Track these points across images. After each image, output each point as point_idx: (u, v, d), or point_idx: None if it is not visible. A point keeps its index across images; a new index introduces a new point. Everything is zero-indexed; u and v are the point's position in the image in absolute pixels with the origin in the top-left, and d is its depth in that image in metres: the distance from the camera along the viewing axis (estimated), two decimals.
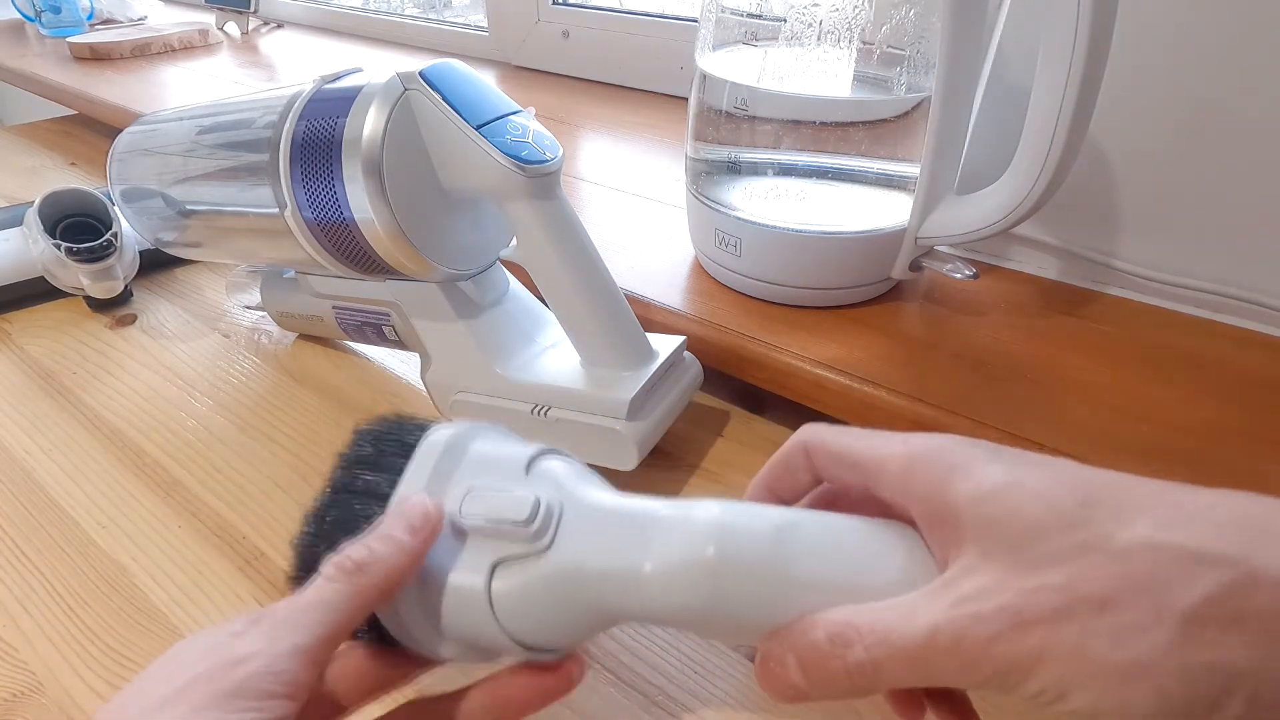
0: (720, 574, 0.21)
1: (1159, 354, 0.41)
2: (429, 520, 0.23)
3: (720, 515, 0.22)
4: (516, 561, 0.23)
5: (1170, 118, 0.41)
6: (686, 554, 0.21)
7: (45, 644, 0.33)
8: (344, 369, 0.51)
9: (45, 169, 0.85)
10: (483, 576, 0.23)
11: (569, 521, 0.23)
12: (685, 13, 0.85)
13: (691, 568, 0.21)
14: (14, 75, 1.05)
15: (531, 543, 0.23)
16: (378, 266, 0.40)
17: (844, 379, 0.39)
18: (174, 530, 0.38)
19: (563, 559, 0.23)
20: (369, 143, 0.35)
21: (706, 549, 0.21)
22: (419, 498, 0.24)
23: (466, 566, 0.23)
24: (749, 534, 0.22)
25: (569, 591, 0.23)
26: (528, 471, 0.25)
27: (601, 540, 0.23)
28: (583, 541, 0.23)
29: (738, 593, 0.21)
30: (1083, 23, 0.33)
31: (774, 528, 0.22)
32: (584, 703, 0.30)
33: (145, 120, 0.48)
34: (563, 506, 0.24)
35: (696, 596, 0.21)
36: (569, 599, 0.23)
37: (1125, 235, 0.45)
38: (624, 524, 0.23)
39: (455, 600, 0.23)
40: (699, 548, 0.21)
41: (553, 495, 0.24)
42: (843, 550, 0.22)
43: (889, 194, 0.43)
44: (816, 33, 0.39)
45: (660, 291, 0.47)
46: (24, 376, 0.50)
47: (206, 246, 0.47)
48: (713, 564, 0.21)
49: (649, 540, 0.22)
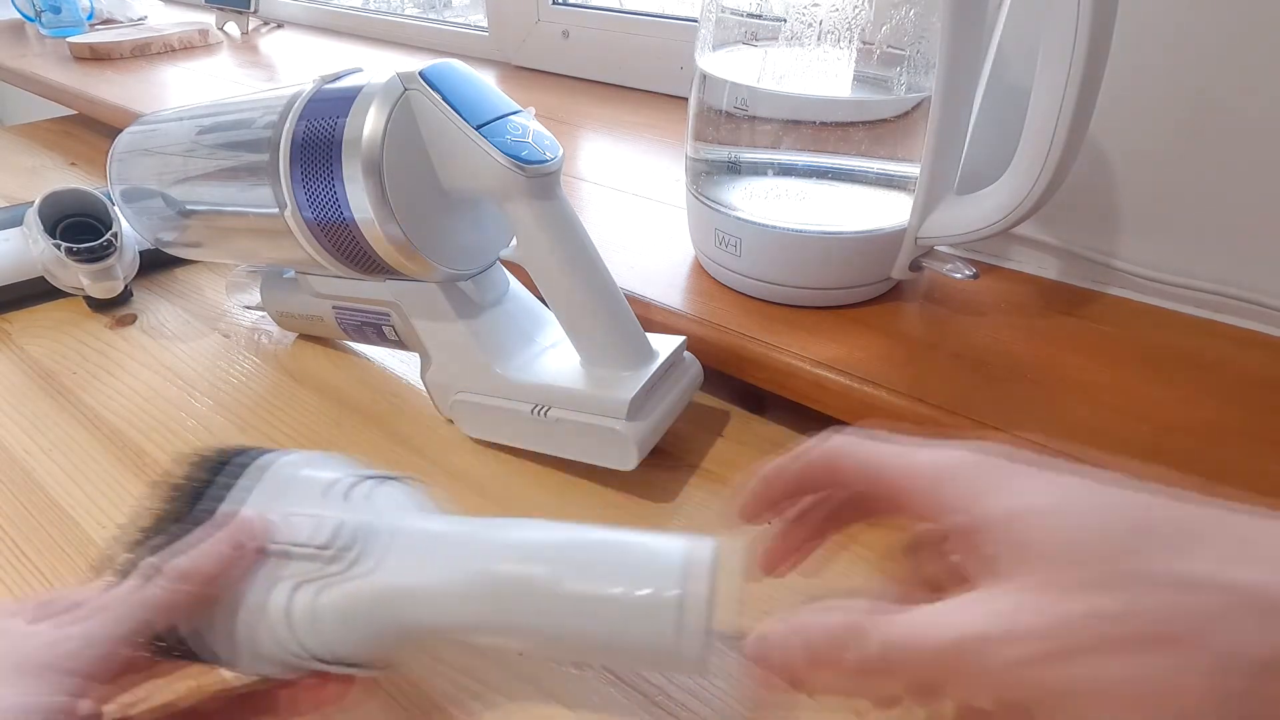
0: (502, 590, 0.23)
1: (1159, 354, 0.41)
2: (254, 536, 0.25)
3: (508, 535, 0.25)
4: (317, 582, 0.24)
5: (1170, 118, 0.41)
6: (474, 573, 0.24)
7: None
8: (344, 369, 0.51)
9: (45, 169, 0.85)
10: (283, 597, 0.24)
11: (375, 544, 0.25)
12: (685, 13, 0.85)
13: (475, 585, 0.24)
14: (14, 75, 1.05)
15: (330, 564, 0.24)
16: (378, 266, 0.40)
17: (844, 379, 0.39)
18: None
19: (361, 579, 0.24)
20: (369, 143, 0.35)
21: (493, 567, 0.24)
22: (245, 515, 0.25)
23: (269, 586, 0.25)
24: (531, 550, 0.24)
25: (367, 609, 0.24)
26: (346, 498, 0.26)
27: (401, 561, 0.25)
28: (383, 562, 0.25)
29: (519, 606, 0.23)
30: (1083, 23, 0.33)
31: (556, 545, 0.24)
32: (584, 703, 0.30)
33: (145, 120, 0.48)
34: (371, 530, 0.25)
35: (482, 611, 0.24)
36: (368, 616, 0.24)
37: (1125, 235, 0.45)
38: (424, 545, 0.25)
39: (256, 618, 0.24)
40: (486, 566, 0.24)
41: (362, 520, 0.25)
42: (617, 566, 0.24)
43: (889, 194, 0.43)
44: (816, 33, 0.39)
45: (660, 291, 0.47)
46: (24, 376, 0.50)
47: (206, 246, 0.47)
48: (495, 581, 0.24)
49: (443, 559, 0.24)
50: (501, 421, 0.41)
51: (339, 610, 0.24)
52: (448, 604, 0.24)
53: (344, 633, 0.25)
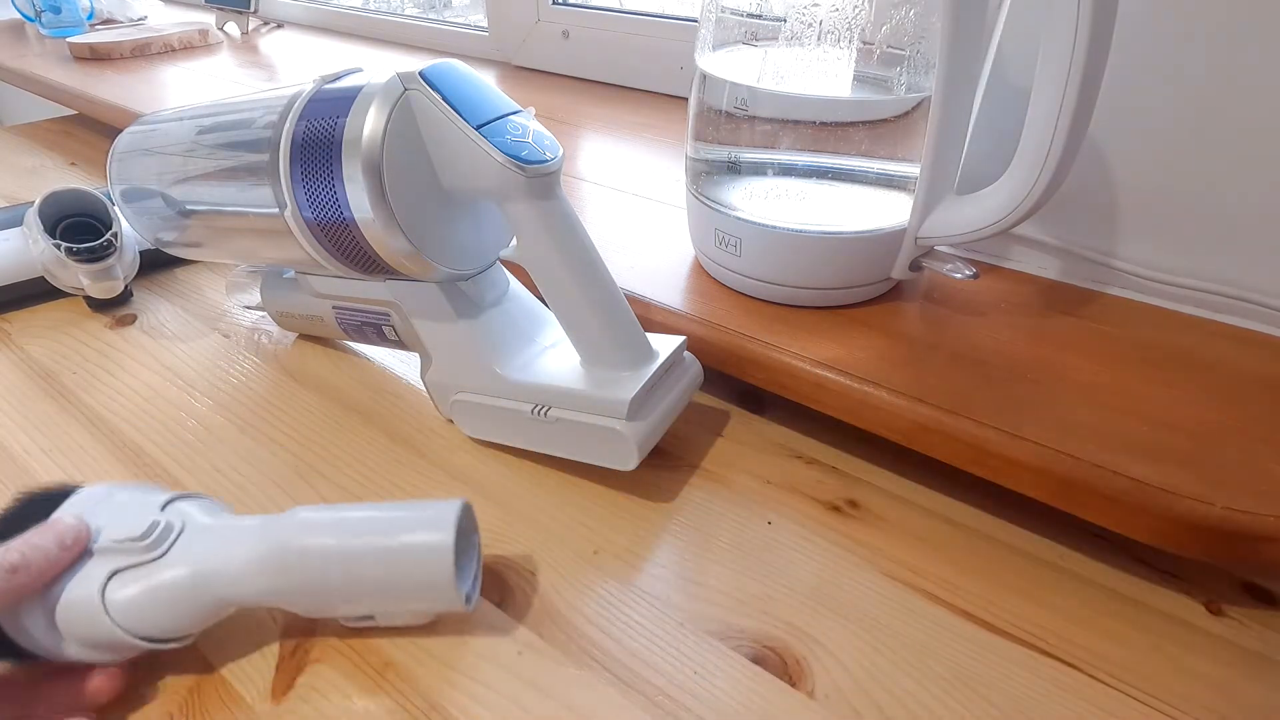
0: (289, 560, 0.29)
1: (1159, 354, 0.41)
2: (78, 538, 0.29)
3: (295, 517, 0.31)
4: (132, 570, 0.29)
5: (1170, 117, 0.41)
6: (268, 548, 0.30)
7: None
8: (344, 369, 0.51)
9: (45, 169, 0.85)
10: (98, 584, 0.28)
11: (185, 538, 0.30)
12: (685, 13, 0.85)
13: (270, 558, 0.30)
14: (14, 75, 1.05)
15: (147, 553, 0.29)
16: (378, 266, 0.40)
17: (844, 379, 0.39)
18: None
19: (174, 563, 0.29)
20: (369, 143, 0.35)
21: (284, 541, 0.30)
22: (69, 518, 0.30)
23: (85, 578, 0.29)
24: (314, 525, 0.30)
25: (180, 588, 0.29)
26: (163, 509, 0.31)
27: (207, 547, 0.30)
28: (192, 549, 0.30)
29: (307, 570, 0.29)
30: (1083, 23, 0.33)
31: (333, 518, 0.31)
32: (584, 702, 0.30)
33: (145, 120, 0.48)
34: (183, 527, 0.31)
35: (277, 579, 0.30)
36: (181, 595, 0.29)
37: (1125, 235, 0.45)
38: (226, 533, 0.31)
39: (73, 606, 0.28)
40: (278, 541, 0.30)
41: (174, 520, 0.31)
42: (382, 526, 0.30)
43: (889, 194, 0.43)
44: (816, 33, 0.39)
45: (660, 291, 0.47)
46: (24, 376, 0.50)
47: (206, 246, 0.47)
48: (285, 552, 0.29)
49: (243, 542, 0.30)
50: (501, 421, 0.41)
51: (156, 592, 0.29)
52: (249, 577, 0.30)
53: (161, 611, 0.29)
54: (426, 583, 0.30)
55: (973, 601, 0.35)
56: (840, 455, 0.43)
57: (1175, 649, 0.33)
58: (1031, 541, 0.38)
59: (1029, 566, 0.36)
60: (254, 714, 0.30)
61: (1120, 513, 0.33)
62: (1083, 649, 0.33)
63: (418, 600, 0.31)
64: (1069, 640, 0.33)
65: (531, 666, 0.32)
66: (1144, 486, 0.32)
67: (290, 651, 0.32)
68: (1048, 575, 0.36)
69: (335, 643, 0.33)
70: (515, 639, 0.33)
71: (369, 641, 0.33)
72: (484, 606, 0.34)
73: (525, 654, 0.32)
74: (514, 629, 0.33)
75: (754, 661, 0.32)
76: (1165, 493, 0.32)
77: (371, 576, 0.30)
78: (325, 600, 0.31)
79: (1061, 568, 0.36)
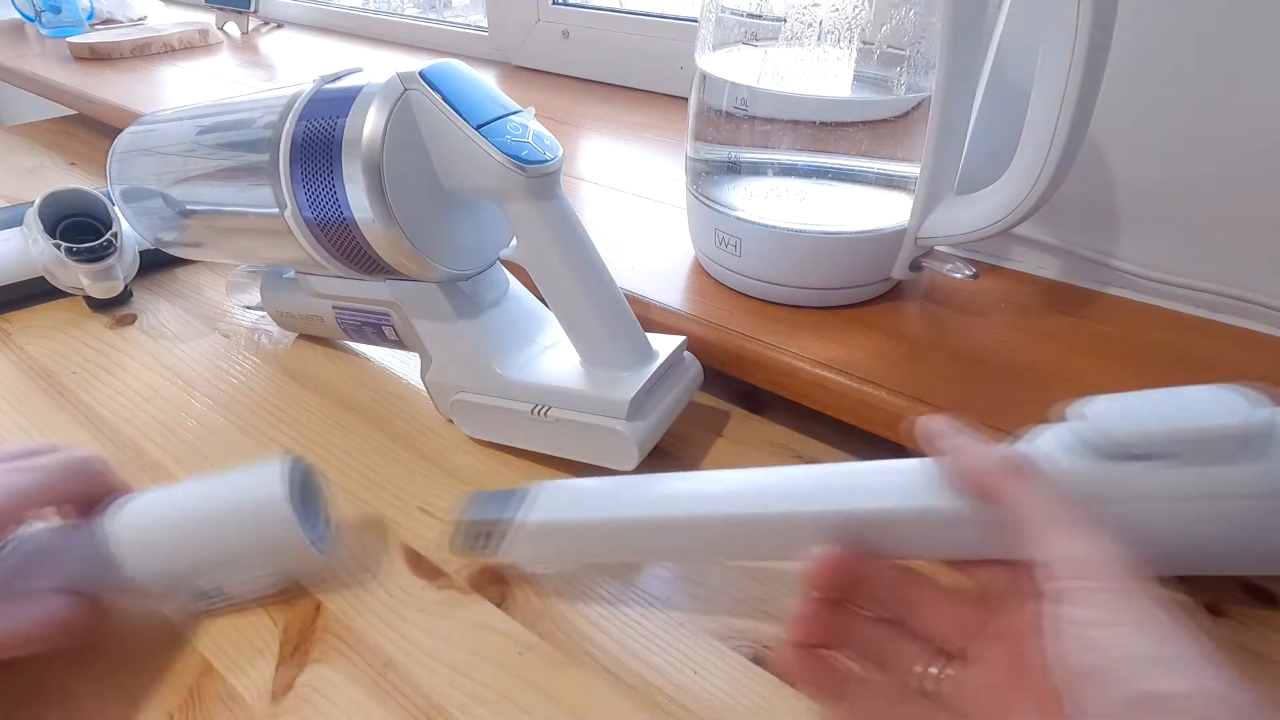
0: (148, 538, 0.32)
1: (1159, 354, 0.41)
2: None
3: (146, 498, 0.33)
4: None
5: (1170, 117, 0.41)
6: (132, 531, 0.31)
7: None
8: (344, 369, 0.51)
9: (45, 169, 0.85)
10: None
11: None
12: (685, 13, 0.85)
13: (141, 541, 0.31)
14: (14, 75, 1.05)
15: None
16: (378, 266, 0.40)
17: (844, 379, 0.39)
18: None
19: None
20: (369, 143, 0.35)
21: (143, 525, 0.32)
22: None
23: None
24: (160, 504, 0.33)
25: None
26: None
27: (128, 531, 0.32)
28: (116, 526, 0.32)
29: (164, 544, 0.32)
30: (1083, 23, 0.33)
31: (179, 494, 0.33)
32: (584, 702, 0.30)
33: (145, 120, 0.48)
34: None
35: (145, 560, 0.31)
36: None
37: (1125, 235, 0.45)
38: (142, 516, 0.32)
39: None
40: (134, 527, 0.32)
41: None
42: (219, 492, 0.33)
43: (889, 194, 0.43)
44: (816, 33, 0.39)
45: (660, 291, 0.47)
46: (24, 376, 0.50)
47: (206, 246, 0.47)
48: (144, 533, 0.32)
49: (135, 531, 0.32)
50: (501, 421, 0.41)
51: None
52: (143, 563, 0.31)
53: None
54: (268, 529, 0.32)
55: None
56: (840, 455, 0.43)
57: None
58: None
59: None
60: (254, 714, 0.30)
61: None
62: None
63: (263, 551, 0.33)
64: None
65: (531, 666, 0.32)
66: None
67: (290, 651, 0.32)
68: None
69: (335, 643, 0.33)
70: (515, 639, 0.33)
71: (369, 641, 0.33)
72: (484, 606, 0.34)
73: (525, 654, 0.32)
74: (514, 629, 0.33)
75: (754, 661, 0.32)
76: None
77: (214, 537, 0.32)
78: (173, 575, 0.32)
79: None
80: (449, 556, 0.36)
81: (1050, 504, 0.22)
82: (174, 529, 0.32)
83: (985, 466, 0.24)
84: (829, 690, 0.27)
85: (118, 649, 0.33)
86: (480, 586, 0.35)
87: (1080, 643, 0.20)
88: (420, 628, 0.33)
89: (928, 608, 0.27)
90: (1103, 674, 0.19)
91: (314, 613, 0.34)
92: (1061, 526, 0.22)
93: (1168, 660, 0.19)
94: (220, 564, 0.32)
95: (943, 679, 0.26)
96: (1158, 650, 0.19)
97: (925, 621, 0.27)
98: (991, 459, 0.24)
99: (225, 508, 0.32)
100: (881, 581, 0.27)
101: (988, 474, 0.24)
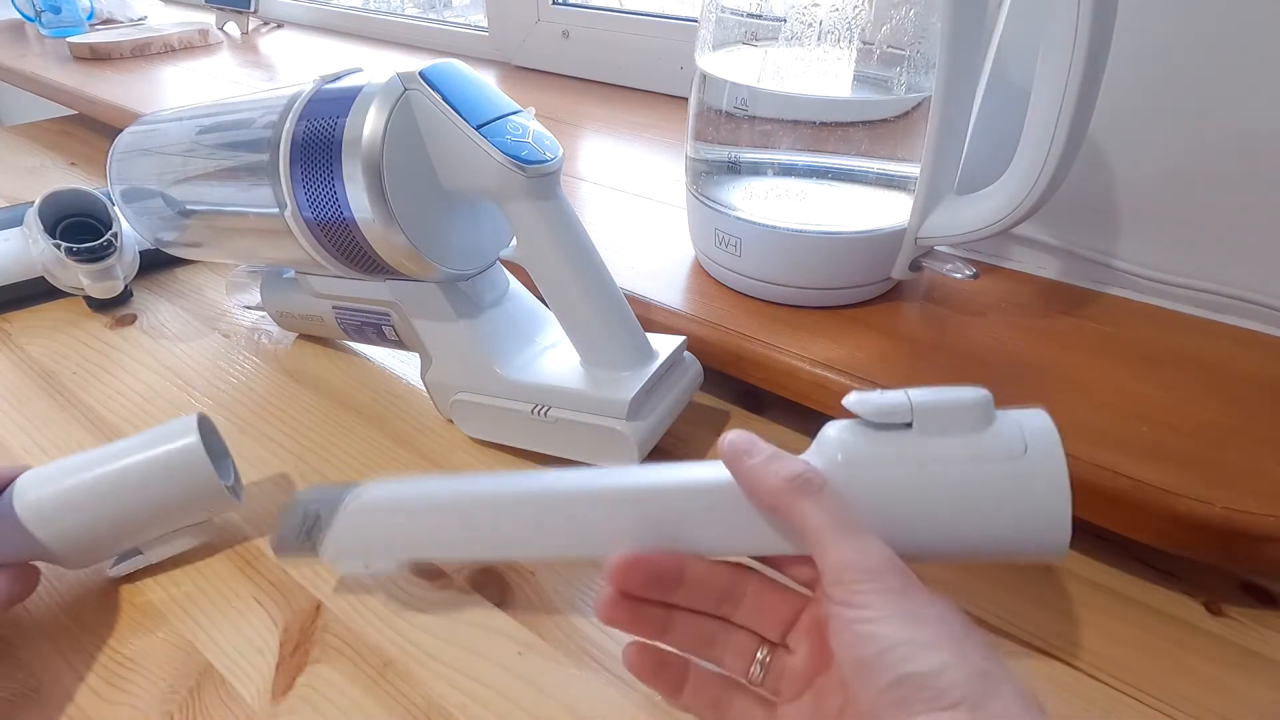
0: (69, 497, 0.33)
1: (1159, 354, 0.41)
2: None
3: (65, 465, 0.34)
4: None
5: (1170, 117, 0.41)
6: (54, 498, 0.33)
7: (45, 644, 0.33)
8: (344, 369, 0.51)
9: (45, 169, 0.85)
10: None
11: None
12: (685, 13, 0.85)
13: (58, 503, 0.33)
14: (14, 75, 1.05)
15: None
16: (378, 266, 0.40)
17: (844, 379, 0.39)
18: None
19: None
20: (369, 143, 0.35)
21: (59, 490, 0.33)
22: None
23: None
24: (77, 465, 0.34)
25: None
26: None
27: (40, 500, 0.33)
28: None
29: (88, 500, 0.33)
30: (1083, 23, 0.33)
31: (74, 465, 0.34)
32: (584, 702, 0.30)
33: (145, 120, 0.48)
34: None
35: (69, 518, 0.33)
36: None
37: (1125, 235, 0.45)
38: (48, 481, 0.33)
39: None
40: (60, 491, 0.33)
41: None
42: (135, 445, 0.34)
43: (889, 194, 0.43)
44: (816, 33, 0.39)
45: (660, 291, 0.47)
46: (24, 376, 0.50)
47: (206, 246, 0.47)
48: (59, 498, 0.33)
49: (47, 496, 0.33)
50: (501, 421, 0.41)
51: None
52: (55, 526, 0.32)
53: None
54: (184, 480, 0.33)
55: (971, 601, 0.35)
56: None
57: (1175, 649, 0.33)
58: None
59: (1027, 566, 0.36)
60: (254, 714, 0.30)
61: (1120, 513, 0.33)
62: (1082, 649, 0.33)
63: (181, 498, 0.34)
64: (1068, 640, 0.33)
65: (531, 666, 0.32)
66: (1144, 486, 0.32)
67: (290, 651, 0.32)
68: (1046, 575, 0.36)
69: (335, 643, 0.33)
70: (515, 639, 0.33)
71: (369, 641, 0.33)
72: (484, 606, 0.34)
73: (525, 654, 0.32)
74: (514, 629, 0.33)
75: None
76: (1165, 493, 0.32)
77: (131, 488, 0.33)
78: (89, 534, 0.33)
79: (1061, 568, 0.36)
80: None
81: (832, 516, 0.25)
82: (85, 487, 0.33)
83: (773, 486, 0.26)
84: (669, 683, 0.29)
85: (118, 649, 0.33)
86: (480, 586, 0.35)
87: (854, 637, 0.22)
88: (420, 628, 0.33)
89: (749, 602, 0.29)
90: (871, 663, 0.22)
91: (314, 613, 0.34)
92: (841, 536, 0.24)
93: (921, 643, 0.21)
94: (138, 518, 0.34)
95: (767, 668, 0.28)
96: (912, 635, 0.22)
97: (748, 615, 0.29)
98: (780, 479, 0.26)
99: (141, 459, 0.34)
100: (705, 580, 0.28)
101: (776, 494, 0.26)
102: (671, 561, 0.28)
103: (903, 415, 0.27)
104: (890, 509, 0.26)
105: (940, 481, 0.26)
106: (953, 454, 0.26)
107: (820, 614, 0.27)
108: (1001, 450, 0.26)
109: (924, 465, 0.26)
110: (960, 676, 0.21)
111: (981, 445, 0.26)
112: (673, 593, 0.28)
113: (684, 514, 0.28)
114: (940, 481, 0.26)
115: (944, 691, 0.20)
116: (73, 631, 0.34)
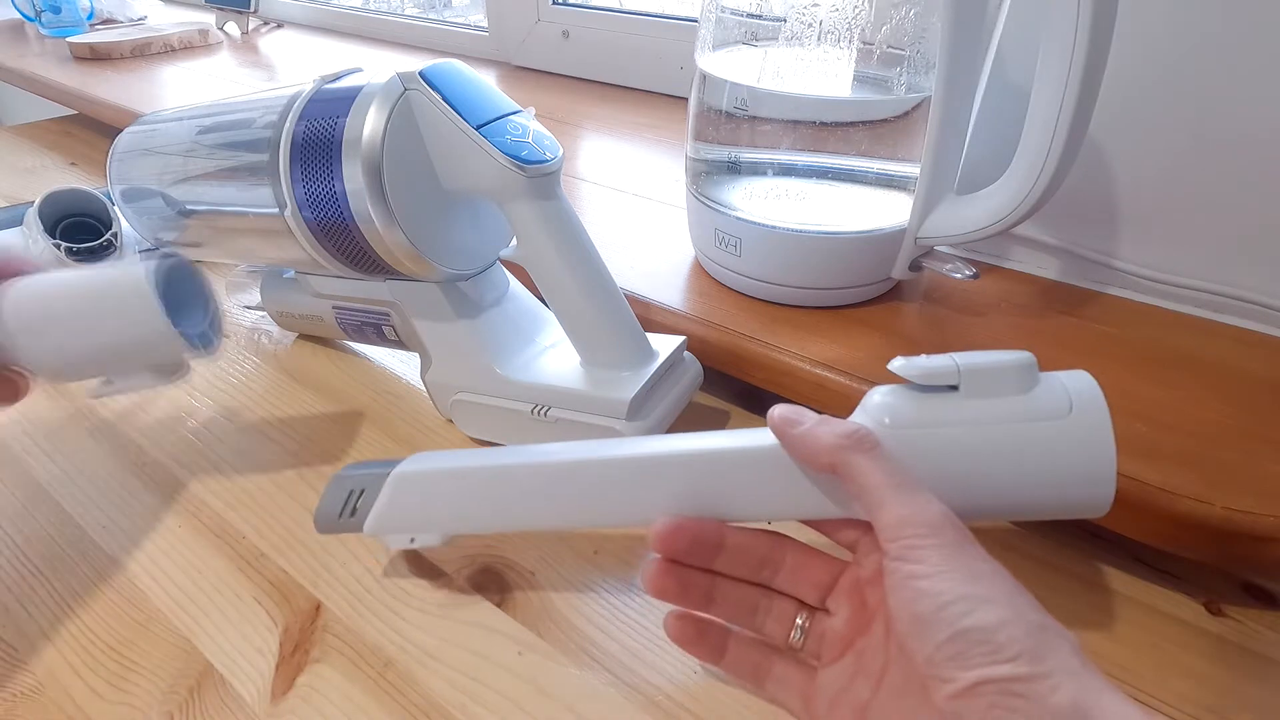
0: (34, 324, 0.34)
1: (1159, 354, 0.41)
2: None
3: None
4: None
5: (1171, 117, 0.41)
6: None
7: (45, 644, 0.33)
8: (344, 369, 0.51)
9: (45, 169, 0.85)
10: None
11: None
12: (685, 13, 0.85)
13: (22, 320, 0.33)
14: (14, 75, 1.05)
15: None
16: (378, 266, 0.40)
17: (844, 379, 0.39)
18: (174, 530, 0.38)
19: None
20: (369, 143, 0.35)
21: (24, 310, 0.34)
22: None
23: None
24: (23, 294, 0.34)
25: None
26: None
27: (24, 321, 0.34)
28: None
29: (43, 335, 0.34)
30: (1083, 23, 0.33)
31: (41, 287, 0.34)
32: (584, 702, 0.30)
33: (145, 120, 0.48)
34: None
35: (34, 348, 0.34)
36: None
37: (1125, 235, 0.45)
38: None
39: None
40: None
41: None
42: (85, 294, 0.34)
43: (889, 194, 0.43)
44: (816, 33, 0.39)
45: (660, 291, 0.47)
46: None
47: (206, 246, 0.47)
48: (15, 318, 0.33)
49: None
50: (501, 421, 0.41)
51: None
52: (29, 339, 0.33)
53: None
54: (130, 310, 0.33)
55: None
56: None
57: (1175, 649, 0.33)
58: (1030, 541, 0.38)
59: (1027, 566, 0.36)
60: (254, 714, 0.30)
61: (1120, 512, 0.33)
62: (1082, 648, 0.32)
63: (131, 337, 0.34)
64: None
65: (531, 666, 0.32)
66: (1144, 486, 0.32)
67: (290, 651, 0.32)
68: (1046, 575, 0.36)
69: (335, 643, 0.33)
70: (515, 639, 0.33)
71: (369, 641, 0.33)
72: (484, 606, 0.34)
73: (525, 654, 0.32)
74: (514, 629, 0.33)
75: None
76: (1165, 493, 0.32)
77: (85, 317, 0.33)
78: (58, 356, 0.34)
79: (1060, 567, 0.36)
80: (449, 556, 0.37)
81: (888, 474, 0.25)
82: (53, 309, 0.33)
83: (830, 445, 0.26)
84: (711, 649, 0.29)
85: (118, 649, 0.33)
86: (480, 586, 0.35)
87: (912, 593, 0.23)
88: (420, 628, 0.33)
89: (789, 567, 0.29)
90: (928, 618, 0.22)
91: (314, 613, 0.34)
92: (899, 493, 0.24)
93: (980, 598, 0.22)
94: (98, 349, 0.34)
95: (807, 632, 0.29)
96: (970, 590, 0.22)
97: (787, 580, 0.29)
98: (835, 437, 0.26)
99: (94, 288, 0.34)
100: (745, 546, 0.29)
101: (833, 452, 0.26)
102: (713, 526, 0.28)
103: (950, 378, 0.27)
104: (939, 470, 0.26)
105: (988, 442, 0.26)
106: (1000, 415, 0.26)
107: (861, 575, 0.28)
108: (1048, 410, 0.26)
109: (973, 426, 0.26)
110: (1018, 631, 0.21)
111: (1028, 406, 0.26)
112: (714, 559, 0.29)
113: (729, 479, 0.29)
114: (988, 442, 0.26)
115: (1002, 646, 0.21)
116: (73, 631, 0.34)
